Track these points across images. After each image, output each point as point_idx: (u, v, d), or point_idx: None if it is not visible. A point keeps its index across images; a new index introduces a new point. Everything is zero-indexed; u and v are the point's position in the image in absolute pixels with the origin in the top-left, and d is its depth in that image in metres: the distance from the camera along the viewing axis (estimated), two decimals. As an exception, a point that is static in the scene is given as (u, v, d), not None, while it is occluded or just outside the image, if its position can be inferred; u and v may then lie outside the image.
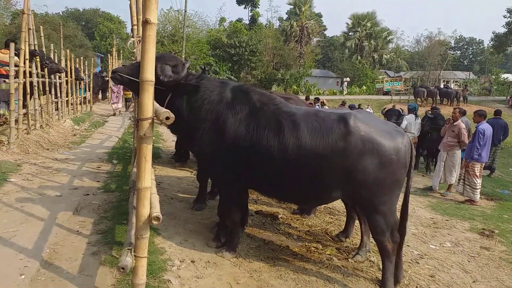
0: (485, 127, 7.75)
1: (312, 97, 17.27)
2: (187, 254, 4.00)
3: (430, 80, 44.73)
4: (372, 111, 21.22)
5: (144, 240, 2.79)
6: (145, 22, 2.59)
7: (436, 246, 5.11)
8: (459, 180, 7.94)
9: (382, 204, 3.52)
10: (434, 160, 10.79)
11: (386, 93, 37.93)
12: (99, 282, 3.28)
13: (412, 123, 9.70)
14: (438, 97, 30.26)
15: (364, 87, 42.41)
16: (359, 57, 48.06)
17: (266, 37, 41.52)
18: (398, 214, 3.90)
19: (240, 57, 37.83)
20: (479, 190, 7.64)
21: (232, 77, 36.43)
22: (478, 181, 7.60)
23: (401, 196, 3.83)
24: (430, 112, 10.67)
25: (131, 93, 12.82)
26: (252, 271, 3.85)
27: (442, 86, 37.51)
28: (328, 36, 64.73)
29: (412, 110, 10.05)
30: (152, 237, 4.12)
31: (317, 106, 13.07)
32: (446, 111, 24.69)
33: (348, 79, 42.60)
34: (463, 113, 8.34)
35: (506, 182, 10.94)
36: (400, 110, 11.31)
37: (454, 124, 7.92)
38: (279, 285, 3.65)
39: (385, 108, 12.71)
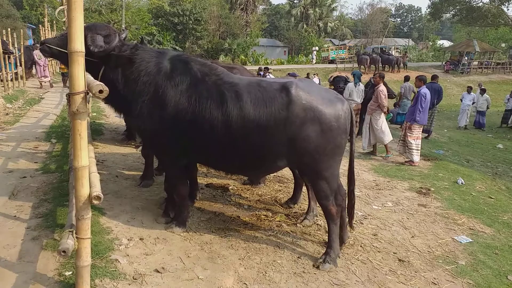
0: (426, 91, 8.14)
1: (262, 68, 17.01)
2: (135, 232, 3.92)
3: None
4: (319, 80, 21.56)
5: (85, 221, 2.67)
6: (70, -12, 2.38)
7: (379, 207, 5.41)
8: (399, 141, 8.40)
9: (324, 170, 3.62)
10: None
11: (332, 61, 38.65)
12: (41, 267, 3.14)
13: (354, 91, 9.98)
14: (380, 64, 31.33)
15: (311, 56, 42.87)
16: (305, 26, 48.30)
17: (211, 5, 40.38)
18: (343, 179, 4.06)
19: (184, 26, 36.61)
20: (419, 151, 8.07)
21: (177, 47, 35.26)
22: (415, 143, 8.00)
23: (346, 162, 3.97)
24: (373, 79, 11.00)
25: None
26: (203, 244, 3.86)
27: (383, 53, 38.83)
28: (274, 4, 64.21)
29: (355, 77, 10.31)
30: (97, 217, 3.99)
31: (268, 76, 12.94)
32: (388, 77, 25.70)
33: (316, 48, 42.52)
34: (383, 77, 8.86)
35: (441, 143, 11.75)
36: (346, 77, 11.59)
37: (375, 88, 8.34)
38: (230, 255, 3.71)
39: (331, 76, 13.00)
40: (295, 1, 51.78)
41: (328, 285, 3.44)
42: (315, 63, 38.05)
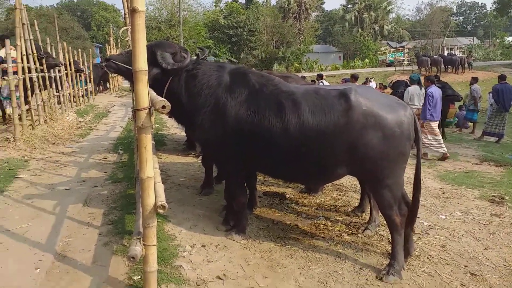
0: (433, 90, 8.53)
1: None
2: (198, 239, 4.03)
3: (434, 48, 43.95)
4: (375, 84, 20.94)
5: (151, 229, 2.80)
6: (133, 11, 2.52)
7: (446, 216, 5.10)
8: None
9: (388, 177, 3.49)
10: (441, 129, 10.71)
11: (389, 64, 37.38)
12: (112, 271, 3.33)
13: (415, 95, 9.56)
14: (442, 65, 29.79)
15: (367, 60, 41.85)
16: (359, 30, 47.36)
17: (264, 15, 40.97)
18: (408, 187, 3.88)
19: (238, 37, 37.44)
20: (442, 143, 8.54)
21: (232, 59, 36.11)
22: (436, 138, 8.51)
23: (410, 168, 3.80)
24: (437, 81, 10.51)
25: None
26: (262, 252, 3.88)
27: (446, 53, 36.86)
28: (327, 10, 63.77)
29: (415, 81, 9.90)
30: (162, 224, 4.16)
31: (320, 83, 12.83)
32: (451, 79, 24.39)
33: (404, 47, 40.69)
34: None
35: (514, 147, 10.85)
36: (407, 81, 11.18)
37: None
38: (289, 264, 3.68)
39: (391, 81, 12.69)
40: (348, 6, 50.90)
41: (393, 298, 3.30)
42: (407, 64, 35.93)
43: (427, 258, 3.94)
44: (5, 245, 3.72)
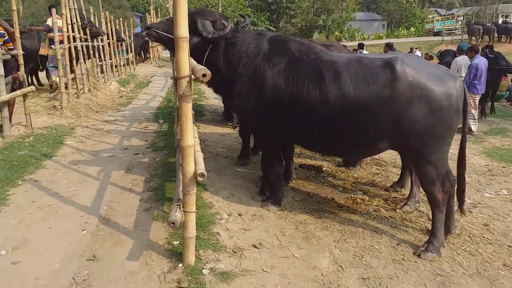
0: (478, 61, 8.07)
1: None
2: (234, 207, 4.10)
3: (487, 15, 40.91)
4: (421, 54, 19.93)
5: (191, 196, 2.88)
6: (175, -24, 2.50)
7: (491, 194, 4.88)
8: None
9: (432, 153, 3.34)
10: (491, 103, 10.15)
11: (437, 33, 35.31)
12: (153, 236, 3.47)
13: (463, 65, 8.99)
14: (495, 34, 27.76)
15: (413, 29, 39.76)
16: (406, -4, 44.75)
17: (305, -19, 39.49)
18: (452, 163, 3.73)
19: (278, 5, 36.46)
20: (476, 120, 8.22)
21: (271, 28, 35.39)
22: (474, 112, 8.18)
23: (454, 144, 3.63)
24: (489, 51, 9.83)
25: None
26: (298, 223, 3.90)
27: (500, 22, 34.28)
28: (372, -25, 60.42)
29: (464, 51, 9.29)
30: (200, 193, 4.25)
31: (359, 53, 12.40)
32: (505, 49, 22.78)
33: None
34: (390, 46, 10.31)
35: None
36: (456, 52, 10.57)
37: None
38: (325, 236, 3.68)
39: (439, 51, 12.11)
40: (395, -30, 48.08)
41: (431, 275, 3.23)
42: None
43: (469, 236, 3.81)
44: (55, 207, 3.97)
